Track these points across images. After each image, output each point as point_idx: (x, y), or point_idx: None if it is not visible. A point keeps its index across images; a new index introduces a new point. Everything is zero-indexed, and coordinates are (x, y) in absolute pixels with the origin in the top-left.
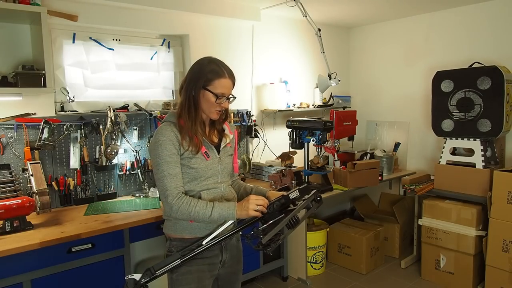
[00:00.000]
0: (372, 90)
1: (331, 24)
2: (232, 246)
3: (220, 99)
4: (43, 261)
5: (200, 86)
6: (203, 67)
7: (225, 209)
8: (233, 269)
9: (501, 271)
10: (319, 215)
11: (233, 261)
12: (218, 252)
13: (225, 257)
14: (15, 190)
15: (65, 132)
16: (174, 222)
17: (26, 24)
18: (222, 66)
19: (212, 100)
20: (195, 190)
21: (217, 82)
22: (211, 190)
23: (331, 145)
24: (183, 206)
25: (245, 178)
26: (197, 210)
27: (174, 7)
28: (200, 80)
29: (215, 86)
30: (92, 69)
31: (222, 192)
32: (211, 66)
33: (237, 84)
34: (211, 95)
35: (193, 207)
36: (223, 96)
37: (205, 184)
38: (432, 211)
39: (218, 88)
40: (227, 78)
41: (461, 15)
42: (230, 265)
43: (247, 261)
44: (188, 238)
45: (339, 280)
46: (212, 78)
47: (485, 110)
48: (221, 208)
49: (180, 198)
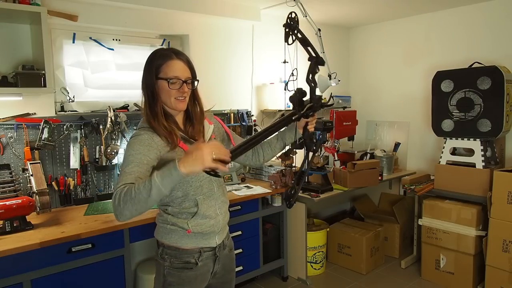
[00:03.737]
0: (372, 90)
1: (331, 24)
2: (224, 256)
3: (173, 84)
4: (43, 261)
5: (153, 78)
6: (151, 58)
7: (165, 169)
8: (225, 279)
9: (501, 271)
10: (319, 215)
11: (225, 271)
12: (211, 264)
13: (217, 268)
14: (15, 190)
15: (65, 132)
16: (170, 229)
17: (26, 24)
18: (169, 49)
19: (167, 87)
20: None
21: (165, 66)
22: (206, 194)
23: (331, 145)
24: (119, 189)
25: (245, 178)
26: (137, 187)
27: (174, 7)
28: (151, 72)
29: (166, 71)
30: (92, 69)
31: (216, 194)
32: (158, 53)
33: (237, 84)
34: (164, 82)
35: (132, 186)
36: (177, 80)
37: (199, 186)
38: (432, 211)
39: (169, 72)
40: (175, 59)
41: (461, 15)
42: (221, 275)
43: (247, 261)
44: (185, 249)
45: (339, 280)
46: (161, 64)
47: (485, 110)
48: (162, 170)
49: (120, 186)
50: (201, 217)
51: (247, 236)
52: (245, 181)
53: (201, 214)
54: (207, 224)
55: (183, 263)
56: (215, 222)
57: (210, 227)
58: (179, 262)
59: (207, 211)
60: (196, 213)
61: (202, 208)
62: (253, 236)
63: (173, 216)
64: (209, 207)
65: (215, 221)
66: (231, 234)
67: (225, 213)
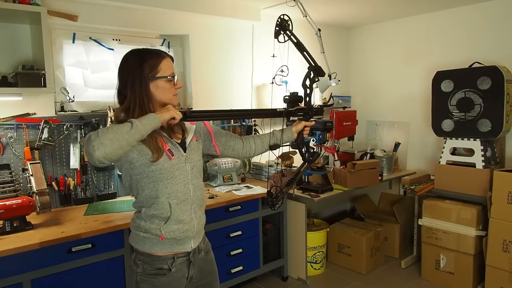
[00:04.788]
0: (372, 90)
1: (331, 24)
2: (200, 260)
3: (171, 80)
4: (43, 261)
5: (146, 79)
6: (136, 60)
7: (144, 118)
8: (204, 281)
9: (501, 271)
10: (319, 215)
11: (202, 275)
12: (185, 269)
13: (192, 272)
14: (15, 190)
15: (65, 132)
16: (143, 237)
17: (26, 24)
18: (154, 50)
19: (167, 85)
20: (162, 198)
21: (162, 65)
22: (180, 198)
23: (331, 145)
24: (95, 135)
25: (245, 178)
26: (118, 127)
27: (174, 7)
28: (143, 73)
29: (164, 69)
30: (92, 69)
31: (192, 199)
32: (143, 55)
33: (237, 84)
34: (164, 81)
35: (106, 131)
36: (173, 76)
37: (174, 191)
38: (432, 211)
39: (167, 70)
40: (166, 57)
41: (461, 15)
42: (199, 279)
43: (247, 261)
44: (158, 256)
45: (339, 280)
46: (156, 63)
47: (485, 110)
48: (141, 119)
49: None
50: (174, 222)
51: (247, 236)
52: (245, 181)
53: (174, 218)
54: (181, 230)
55: (156, 269)
56: (189, 227)
57: (184, 232)
58: (152, 268)
59: (181, 216)
60: (169, 218)
61: (175, 213)
62: (253, 236)
63: (145, 222)
64: (183, 211)
65: (189, 225)
66: (231, 234)
67: (201, 217)
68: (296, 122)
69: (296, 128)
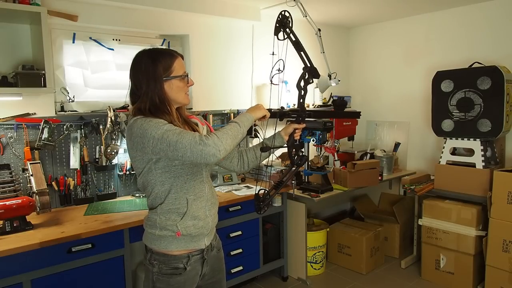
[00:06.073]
0: (372, 90)
1: (331, 24)
2: (212, 257)
3: (184, 79)
4: (43, 261)
5: (160, 79)
6: (149, 61)
7: (242, 117)
8: (214, 280)
9: (501, 271)
10: (319, 215)
11: (213, 272)
12: (199, 267)
13: (205, 270)
14: (15, 190)
15: (65, 132)
16: (158, 235)
17: (26, 24)
18: (166, 50)
19: (181, 84)
20: (180, 192)
21: (175, 64)
22: (197, 194)
23: (331, 145)
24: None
25: (245, 178)
26: (231, 128)
27: (174, 7)
28: (158, 74)
29: (177, 69)
30: (92, 69)
31: (207, 196)
32: (156, 55)
33: (237, 84)
34: (177, 80)
35: (225, 132)
36: (186, 74)
37: (192, 186)
38: (432, 211)
39: (180, 70)
40: (178, 57)
41: (461, 15)
42: (210, 276)
43: (247, 261)
44: (174, 255)
45: (339, 280)
46: (170, 64)
47: (485, 110)
48: (240, 118)
49: (207, 137)
50: (190, 218)
51: (247, 236)
52: (245, 181)
53: (190, 214)
54: (196, 226)
55: (172, 269)
56: (204, 223)
57: (199, 229)
58: (168, 268)
59: (196, 212)
60: (185, 214)
61: (191, 209)
62: (253, 236)
63: (161, 218)
64: (198, 208)
65: (204, 222)
66: (232, 234)
67: (214, 215)
68: (287, 124)
69: (285, 131)
